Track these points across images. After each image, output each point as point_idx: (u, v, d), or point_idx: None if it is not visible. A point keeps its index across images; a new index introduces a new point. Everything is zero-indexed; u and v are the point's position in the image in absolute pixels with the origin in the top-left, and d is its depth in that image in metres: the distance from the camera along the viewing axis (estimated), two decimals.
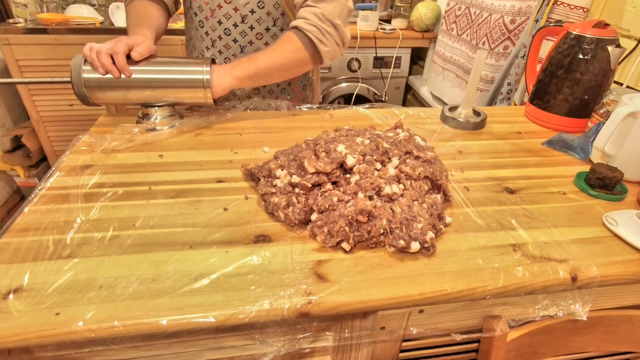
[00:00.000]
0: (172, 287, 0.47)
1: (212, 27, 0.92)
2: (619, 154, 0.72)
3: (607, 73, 0.85)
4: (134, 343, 0.47)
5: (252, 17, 0.90)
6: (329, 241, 0.53)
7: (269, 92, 1.02)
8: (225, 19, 0.90)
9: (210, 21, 0.92)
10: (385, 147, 0.64)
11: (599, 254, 0.55)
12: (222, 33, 0.92)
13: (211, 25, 0.92)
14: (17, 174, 2.01)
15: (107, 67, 0.73)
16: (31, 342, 0.42)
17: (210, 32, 0.93)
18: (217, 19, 0.91)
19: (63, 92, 1.83)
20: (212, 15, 0.91)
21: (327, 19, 0.82)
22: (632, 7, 1.06)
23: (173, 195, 0.63)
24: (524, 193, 0.68)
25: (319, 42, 0.83)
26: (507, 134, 0.90)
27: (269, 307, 0.45)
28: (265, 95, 1.02)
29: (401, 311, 0.51)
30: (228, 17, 0.90)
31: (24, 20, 1.79)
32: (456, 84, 1.78)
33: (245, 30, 0.92)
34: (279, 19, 0.92)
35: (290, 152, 0.65)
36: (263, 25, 0.91)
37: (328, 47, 0.84)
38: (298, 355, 0.55)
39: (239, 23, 0.91)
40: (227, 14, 0.90)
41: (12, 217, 0.57)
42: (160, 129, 0.82)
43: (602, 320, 0.61)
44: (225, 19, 0.91)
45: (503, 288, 0.50)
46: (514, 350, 0.58)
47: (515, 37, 1.43)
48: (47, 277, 0.47)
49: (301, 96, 1.08)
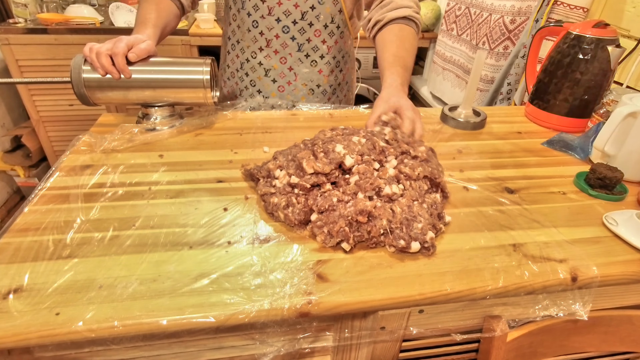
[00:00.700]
0: (172, 287, 0.47)
1: (269, 26, 0.91)
2: (619, 154, 0.72)
3: (607, 73, 0.85)
4: (134, 343, 0.47)
5: (312, 13, 0.89)
6: (329, 241, 0.53)
7: (323, 93, 1.01)
8: (285, 16, 0.89)
9: (266, 20, 0.90)
10: (382, 146, 0.64)
11: (599, 254, 0.55)
12: (280, 31, 0.91)
13: (267, 23, 0.90)
14: (17, 174, 2.01)
15: (107, 68, 0.73)
16: (31, 342, 0.42)
17: (265, 31, 0.91)
18: (275, 17, 0.89)
19: (63, 92, 1.83)
20: (269, 13, 0.89)
21: (418, 4, 0.92)
22: (632, 7, 1.06)
23: (173, 195, 0.63)
24: (524, 193, 0.68)
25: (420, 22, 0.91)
26: (507, 134, 0.90)
27: (269, 307, 0.45)
28: (319, 97, 1.01)
29: (401, 311, 0.51)
30: (287, 14, 0.89)
31: (24, 20, 1.79)
32: (456, 84, 1.78)
33: (305, 28, 0.90)
34: (336, 15, 0.91)
35: (289, 153, 0.65)
36: (322, 22, 0.90)
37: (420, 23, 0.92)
38: (298, 355, 0.55)
39: (298, 20, 0.89)
40: (287, 11, 0.88)
41: (12, 217, 0.57)
42: (160, 129, 0.82)
43: (602, 320, 0.61)
44: (285, 16, 0.89)
45: (503, 288, 0.50)
46: (514, 350, 0.58)
47: (515, 37, 1.43)
48: (47, 277, 0.47)
49: (346, 97, 1.08)
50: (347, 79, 1.05)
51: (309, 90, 0.99)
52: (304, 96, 0.99)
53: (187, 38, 1.84)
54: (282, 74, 0.97)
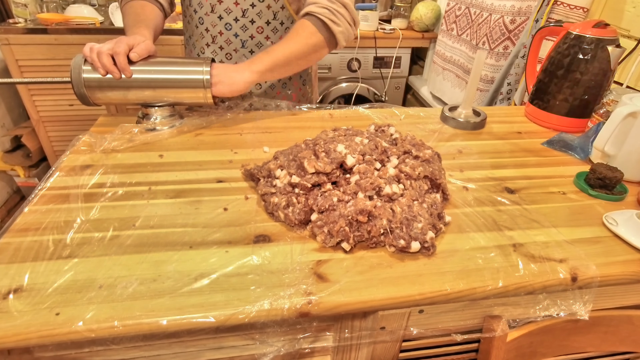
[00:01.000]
0: (172, 287, 0.47)
1: (213, 23, 0.93)
2: (619, 154, 0.72)
3: (607, 73, 0.85)
4: (134, 343, 0.47)
5: (253, 10, 0.90)
6: (329, 241, 0.53)
7: (271, 87, 1.02)
8: (226, 13, 0.91)
9: (210, 17, 0.92)
10: (385, 146, 0.64)
11: (599, 254, 0.55)
12: (223, 28, 0.92)
13: (212, 21, 0.92)
14: (17, 174, 2.01)
15: (108, 68, 0.73)
16: (31, 342, 0.42)
17: (210, 28, 0.93)
18: (217, 14, 0.91)
19: (63, 92, 1.83)
20: (212, 10, 0.91)
21: (340, 2, 0.85)
22: (632, 7, 1.06)
23: (173, 195, 0.63)
24: (524, 193, 0.68)
25: (332, 23, 0.84)
26: (507, 134, 0.90)
27: (269, 307, 0.45)
28: (267, 90, 1.02)
29: (401, 311, 0.51)
30: (229, 11, 0.90)
31: (24, 20, 1.79)
32: (456, 84, 1.78)
33: (246, 25, 0.92)
34: (278, 12, 0.92)
35: (290, 152, 0.65)
36: (264, 19, 0.92)
37: (341, 27, 0.86)
38: (298, 355, 0.55)
39: (239, 17, 0.91)
40: (228, 9, 0.90)
41: (12, 217, 0.57)
42: (160, 129, 0.82)
43: (602, 320, 0.61)
44: (226, 14, 0.91)
45: (503, 288, 0.50)
46: (514, 350, 0.58)
47: (515, 37, 1.43)
48: (47, 277, 0.47)
49: (301, 91, 1.08)
50: (300, 72, 1.04)
51: (256, 86, 1.00)
52: (252, 90, 1.00)
53: None
54: None
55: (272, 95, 1.03)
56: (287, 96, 1.05)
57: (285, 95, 1.05)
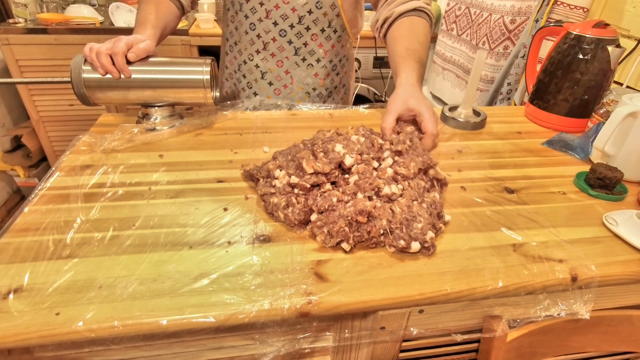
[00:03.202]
0: (172, 287, 0.47)
1: (266, 29, 0.91)
2: (619, 154, 0.72)
3: (607, 73, 0.85)
4: (134, 343, 0.47)
5: (309, 17, 0.89)
6: (328, 241, 0.53)
7: (318, 96, 1.00)
8: (282, 19, 0.89)
9: (264, 23, 0.90)
10: (380, 143, 0.64)
11: (598, 254, 0.55)
12: (277, 35, 0.91)
13: (265, 27, 0.90)
14: (17, 174, 2.01)
15: (107, 68, 0.73)
16: (31, 342, 0.42)
17: (263, 34, 0.91)
18: (272, 20, 0.89)
19: (63, 92, 1.83)
20: (267, 16, 0.89)
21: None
22: (632, 7, 1.06)
23: (173, 195, 0.63)
24: (524, 193, 0.68)
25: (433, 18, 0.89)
26: (507, 134, 0.90)
27: (269, 307, 0.45)
28: (314, 99, 1.00)
29: (401, 311, 0.51)
30: (285, 17, 0.88)
31: (24, 20, 1.79)
32: (456, 84, 1.78)
33: (302, 32, 0.90)
34: (334, 19, 0.91)
35: (289, 153, 0.65)
36: (319, 26, 0.91)
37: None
38: (298, 355, 0.55)
39: (295, 24, 0.89)
40: (284, 15, 0.88)
41: (12, 217, 0.57)
42: (160, 129, 0.82)
43: (602, 320, 0.61)
44: (282, 20, 0.89)
45: (503, 288, 0.50)
46: (514, 350, 0.58)
47: (515, 37, 1.43)
48: (47, 277, 0.47)
49: (343, 99, 1.08)
50: (344, 81, 1.05)
51: (305, 94, 0.99)
52: (300, 99, 1.00)
53: (187, 38, 1.84)
54: (279, 76, 0.97)
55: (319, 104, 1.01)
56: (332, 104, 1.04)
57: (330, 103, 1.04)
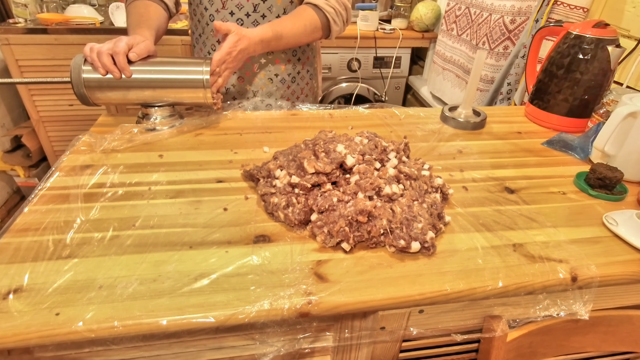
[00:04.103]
0: (172, 287, 0.47)
1: (224, 19, 0.93)
2: (619, 154, 0.72)
3: (607, 73, 0.85)
4: (134, 343, 0.47)
5: (264, 5, 0.92)
6: (329, 241, 0.53)
7: (282, 82, 1.03)
8: (237, 9, 0.92)
9: (221, 13, 0.93)
10: (384, 145, 0.64)
11: (599, 254, 0.55)
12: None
13: (222, 17, 0.94)
14: (17, 174, 2.01)
15: (108, 67, 0.73)
16: (31, 342, 0.42)
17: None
18: (228, 10, 0.92)
19: (63, 92, 1.83)
20: (223, 7, 0.92)
21: (342, 3, 0.93)
22: (632, 7, 1.06)
23: (173, 195, 0.63)
24: (524, 193, 0.68)
25: (333, 22, 0.93)
26: (507, 134, 0.90)
27: (269, 307, 0.45)
28: (278, 85, 1.03)
29: (401, 311, 0.51)
30: (240, 7, 0.92)
31: (24, 20, 1.79)
32: (456, 84, 1.78)
33: (258, 19, 0.93)
34: (288, 6, 0.94)
35: (290, 153, 0.65)
36: (274, 13, 0.93)
37: (338, 26, 0.95)
38: (298, 355, 0.55)
39: (251, 12, 0.92)
40: (239, 4, 0.91)
41: (12, 217, 0.57)
42: (160, 129, 0.82)
43: (602, 320, 0.61)
44: (238, 9, 0.92)
45: (503, 288, 0.50)
46: (514, 350, 0.58)
47: (515, 37, 1.43)
48: (47, 277, 0.47)
49: (309, 85, 1.10)
50: (307, 67, 1.07)
51: (268, 80, 1.01)
52: (264, 85, 1.02)
53: (187, 38, 1.84)
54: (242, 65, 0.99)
55: (283, 90, 1.04)
56: (297, 90, 1.07)
57: (294, 89, 1.06)
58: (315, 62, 1.11)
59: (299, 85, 1.06)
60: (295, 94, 1.06)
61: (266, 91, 1.01)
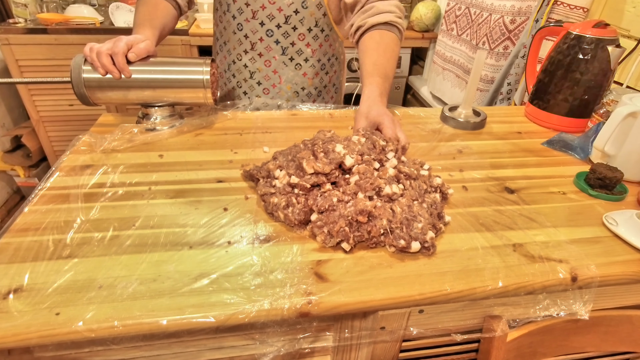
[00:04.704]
0: (172, 287, 0.47)
1: (253, 30, 0.91)
2: (619, 154, 0.72)
3: (607, 73, 0.85)
4: (134, 343, 0.47)
5: (296, 17, 0.90)
6: (329, 241, 0.53)
7: (308, 95, 1.01)
8: (268, 20, 0.90)
9: (251, 23, 0.91)
10: (382, 145, 0.64)
11: (599, 254, 0.55)
12: (264, 35, 0.92)
13: (252, 27, 0.91)
14: (17, 174, 2.01)
15: (107, 68, 0.73)
16: (31, 342, 0.42)
17: (250, 34, 0.92)
18: (259, 21, 0.90)
19: (63, 92, 1.83)
20: (253, 17, 0.90)
21: (401, 9, 0.90)
22: (632, 7, 1.06)
23: (173, 195, 0.63)
24: (524, 193, 0.68)
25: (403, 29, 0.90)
26: (507, 134, 0.90)
27: (269, 307, 0.45)
28: (304, 99, 1.01)
29: (401, 311, 0.52)
30: (271, 17, 0.89)
31: (24, 20, 1.79)
32: (456, 84, 1.78)
33: (288, 31, 0.91)
34: (320, 19, 0.92)
35: (289, 153, 0.65)
36: (306, 26, 0.92)
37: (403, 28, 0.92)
38: (298, 355, 0.55)
39: (282, 24, 0.90)
40: (271, 15, 0.89)
41: (12, 217, 0.57)
42: (160, 129, 0.82)
43: (602, 320, 0.61)
44: (268, 20, 0.90)
45: (503, 288, 0.50)
46: (514, 350, 0.58)
47: (515, 37, 1.44)
48: (47, 277, 0.47)
49: (333, 99, 1.09)
50: (333, 81, 1.05)
51: (294, 93, 1.00)
52: (289, 98, 1.00)
53: (187, 38, 1.84)
54: (267, 76, 0.98)
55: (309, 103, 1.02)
56: (322, 102, 1.05)
57: (320, 102, 1.05)
58: (342, 75, 1.09)
59: (323, 99, 1.05)
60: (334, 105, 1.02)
61: (290, 105, 0.99)
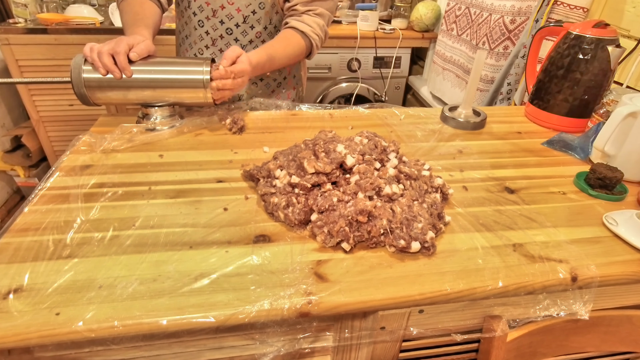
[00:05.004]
0: (172, 287, 0.47)
1: (214, 27, 0.95)
2: (619, 154, 0.72)
3: (607, 73, 0.85)
4: (134, 343, 0.47)
5: (253, 17, 0.94)
6: (329, 241, 0.53)
7: (267, 86, 1.05)
8: (228, 19, 0.94)
9: (211, 21, 0.94)
10: (384, 145, 0.64)
11: (599, 254, 0.55)
12: (224, 32, 0.96)
13: (212, 24, 0.95)
14: (17, 174, 2.01)
15: (109, 67, 0.73)
16: (31, 342, 0.42)
17: (211, 31, 0.96)
18: (219, 19, 0.94)
19: (63, 92, 1.83)
20: (213, 15, 0.93)
21: (324, 30, 0.98)
22: (632, 7, 1.06)
23: (173, 195, 0.63)
24: (524, 193, 0.68)
25: (315, 47, 0.98)
26: (507, 134, 0.90)
27: (269, 307, 0.45)
28: (262, 89, 1.05)
29: (401, 311, 0.51)
30: (230, 17, 0.93)
31: (24, 20, 1.79)
32: (456, 84, 1.78)
33: (246, 30, 0.95)
34: (273, 17, 0.97)
35: (290, 153, 0.65)
36: (262, 24, 0.96)
37: (318, 49, 1.01)
38: (298, 355, 0.55)
39: (240, 23, 0.94)
40: (230, 14, 0.93)
41: (12, 217, 0.57)
42: (160, 129, 0.82)
43: (602, 320, 0.61)
44: (228, 19, 0.94)
45: (503, 288, 0.50)
46: (514, 350, 0.58)
47: (515, 37, 1.43)
48: (47, 277, 0.47)
49: (295, 90, 1.13)
50: (293, 72, 1.10)
51: (253, 84, 1.03)
52: (248, 89, 1.04)
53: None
54: None
55: (267, 94, 1.06)
56: (282, 95, 1.09)
57: (280, 94, 1.08)
58: (301, 66, 1.14)
59: (284, 89, 1.09)
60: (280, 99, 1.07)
61: (250, 95, 1.03)
